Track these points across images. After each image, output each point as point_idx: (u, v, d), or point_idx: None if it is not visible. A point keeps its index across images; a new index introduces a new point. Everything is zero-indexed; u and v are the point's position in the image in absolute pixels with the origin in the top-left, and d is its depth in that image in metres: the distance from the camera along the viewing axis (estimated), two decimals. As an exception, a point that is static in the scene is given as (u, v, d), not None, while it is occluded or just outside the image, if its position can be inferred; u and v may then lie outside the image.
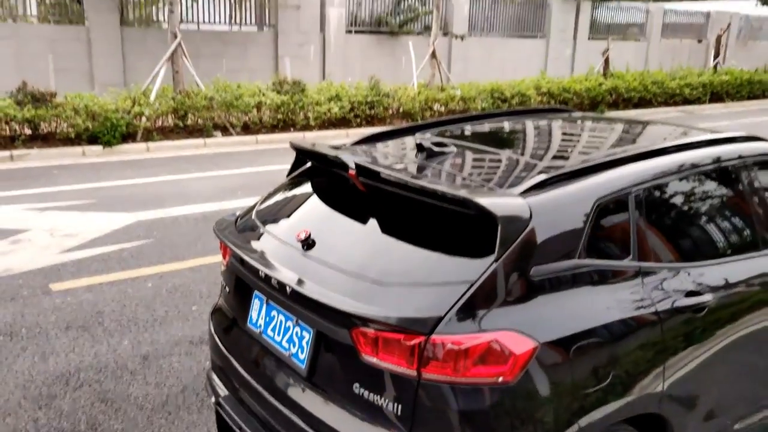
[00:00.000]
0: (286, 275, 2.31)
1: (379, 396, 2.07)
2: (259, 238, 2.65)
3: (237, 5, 15.16)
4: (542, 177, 2.31)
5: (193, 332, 4.41)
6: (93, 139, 10.14)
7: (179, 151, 10.63)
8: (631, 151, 2.65)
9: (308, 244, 2.38)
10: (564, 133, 3.31)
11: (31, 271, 5.39)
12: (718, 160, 2.80)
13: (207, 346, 4.10)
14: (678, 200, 2.68)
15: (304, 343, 2.30)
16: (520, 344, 1.99)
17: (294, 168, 3.02)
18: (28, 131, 9.97)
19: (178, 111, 11.09)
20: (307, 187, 2.86)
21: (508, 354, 1.97)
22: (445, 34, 18.21)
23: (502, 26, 20.32)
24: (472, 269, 2.05)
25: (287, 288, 2.29)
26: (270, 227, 2.67)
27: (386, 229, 2.41)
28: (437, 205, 2.25)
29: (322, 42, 16.37)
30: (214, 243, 6.09)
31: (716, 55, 21.49)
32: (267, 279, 2.40)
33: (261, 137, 11.61)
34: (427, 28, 17.27)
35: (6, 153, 9.47)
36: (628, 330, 2.25)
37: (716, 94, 19.15)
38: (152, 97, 10.92)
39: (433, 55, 14.72)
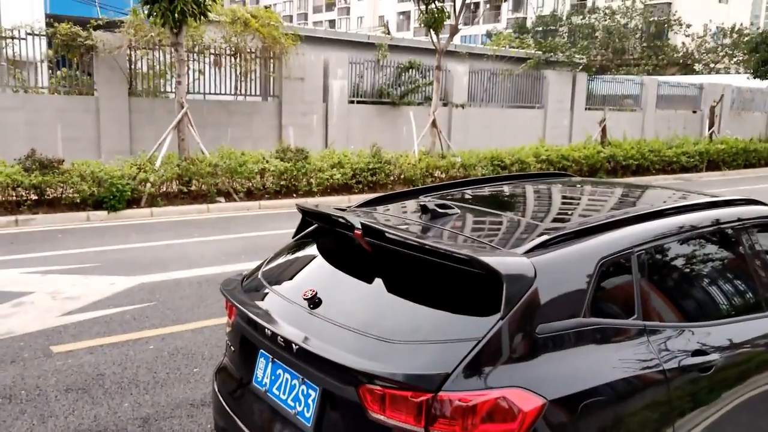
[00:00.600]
0: (292, 333, 2.32)
1: (386, 454, 2.05)
2: (265, 297, 2.68)
3: (242, 77, 15.61)
4: (545, 237, 2.36)
5: (194, 395, 4.36)
6: (98, 205, 10.26)
7: (183, 216, 10.73)
8: (632, 212, 2.71)
9: (314, 302, 2.41)
10: (564, 196, 3.39)
11: (33, 333, 5.37)
12: (717, 222, 2.85)
13: (209, 409, 4.04)
14: (680, 261, 2.72)
15: (310, 401, 2.29)
16: (528, 401, 1.99)
17: (300, 230, 3.08)
18: (34, 197, 10.10)
19: (182, 177, 11.26)
20: (312, 248, 2.90)
21: (516, 411, 1.97)
22: (445, 104, 18.69)
23: (500, 97, 20.87)
24: (478, 327, 2.07)
25: (293, 346, 2.30)
26: (276, 287, 2.70)
27: (392, 287, 2.45)
28: (442, 264, 2.29)
29: (325, 111, 16.78)
30: (217, 306, 6.09)
31: (711, 125, 21.97)
32: (273, 337, 2.42)
33: (264, 203, 11.74)
34: (428, 99, 17.74)
35: (11, 218, 9.57)
36: (635, 389, 2.25)
37: (713, 162, 19.48)
38: (158, 163, 11.12)
39: (434, 123, 15.07)
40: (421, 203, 2.79)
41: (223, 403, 2.78)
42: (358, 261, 2.67)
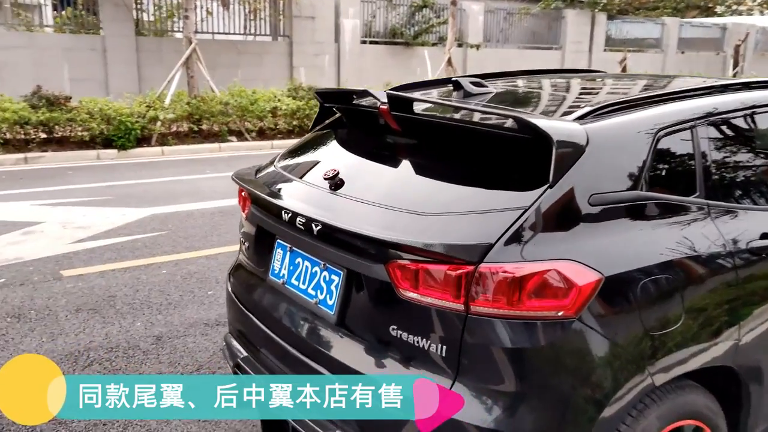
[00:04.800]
0: (313, 212, 2.10)
1: (420, 337, 1.84)
2: (282, 183, 2.44)
3: (251, 16, 15.14)
4: (598, 106, 2.10)
5: (209, 315, 4.19)
6: (107, 143, 10.05)
7: (194, 155, 10.51)
8: (692, 85, 2.43)
9: (336, 183, 2.17)
10: (610, 81, 3.10)
11: (42, 258, 5.21)
12: None
13: (224, 328, 3.88)
14: (745, 139, 2.45)
15: (332, 287, 2.08)
16: (582, 275, 1.76)
17: (317, 122, 2.82)
18: (43, 135, 9.89)
19: (193, 116, 10.98)
20: (332, 137, 2.65)
21: (569, 285, 1.74)
22: (460, 45, 18.10)
23: (517, 38, 20.22)
24: (524, 197, 1.82)
25: (314, 226, 2.07)
26: (293, 174, 2.46)
27: (423, 165, 2.21)
28: (481, 134, 2.05)
29: (337, 52, 16.30)
30: (231, 234, 5.91)
31: (735, 65, 21.24)
32: (291, 221, 2.19)
33: (276, 142, 11.47)
34: (442, 39, 17.18)
35: (20, 155, 9.39)
36: (698, 270, 2.01)
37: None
38: (167, 101, 10.84)
39: (449, 62, 14.59)
40: (454, 80, 2.51)
41: (239, 303, 2.58)
42: (383, 143, 2.42)
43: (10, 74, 11.85)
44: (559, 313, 1.74)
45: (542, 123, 1.85)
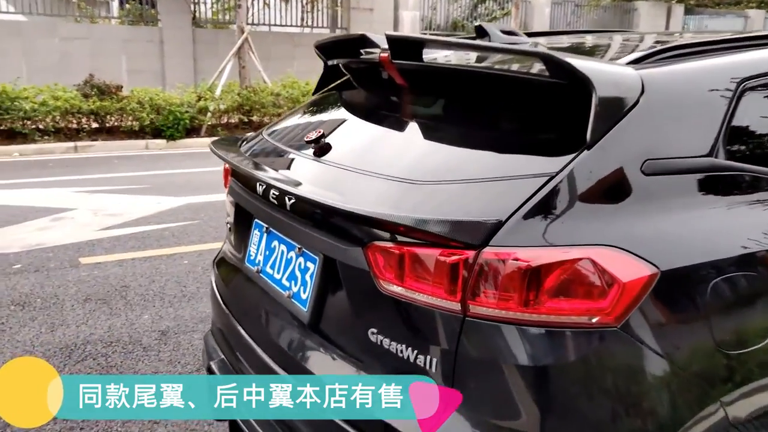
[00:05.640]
0: (287, 181, 1.67)
1: (404, 346, 1.38)
2: (264, 152, 2.02)
3: (309, 8, 14.91)
4: (659, 48, 1.58)
5: (220, 309, 3.83)
6: (157, 133, 9.95)
7: (242, 146, 10.30)
8: None
9: (321, 148, 1.73)
10: (687, 35, 2.53)
11: (64, 245, 4.99)
12: None
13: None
14: None
15: (307, 277, 1.64)
16: (628, 268, 1.26)
17: (320, 86, 2.39)
18: (94, 124, 9.88)
19: (243, 107, 10.78)
20: (333, 100, 2.21)
21: (609, 281, 1.24)
22: (525, 37, 17.36)
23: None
24: (552, 161, 1.33)
25: (287, 201, 1.64)
26: (280, 141, 2.03)
27: (428, 125, 1.74)
28: (502, 80, 1.57)
29: (396, 45, 15.86)
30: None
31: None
32: (265, 195, 1.77)
33: (327, 135, 11.13)
34: (505, 31, 16.50)
35: (71, 144, 9.38)
36: None
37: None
38: (218, 92, 10.67)
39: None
40: (477, 25, 2.02)
41: (218, 296, 2.18)
42: (385, 101, 1.97)
43: (70, 65, 11.96)
44: (594, 320, 1.24)
45: (580, 63, 1.35)
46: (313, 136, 1.73)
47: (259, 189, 1.79)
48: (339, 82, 2.30)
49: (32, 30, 11.84)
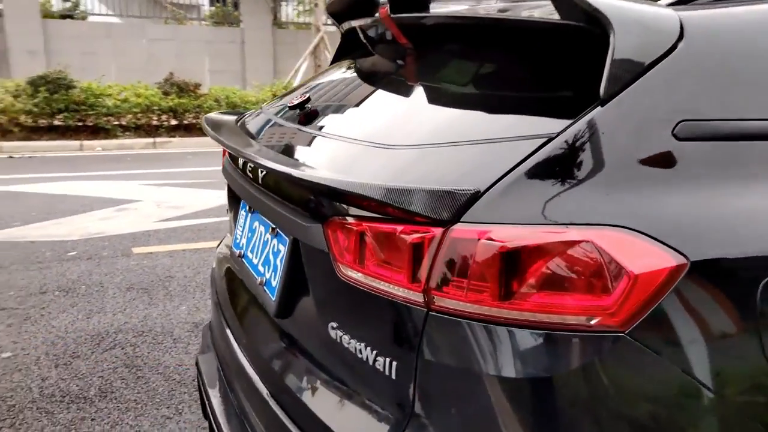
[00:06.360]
0: (261, 153, 1.45)
1: (362, 344, 1.13)
2: (256, 126, 1.81)
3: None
4: None
5: (257, 303, 3.70)
6: (232, 130, 10.08)
7: (315, 144, 10.29)
8: None
9: (306, 115, 1.51)
10: None
11: (122, 235, 5.04)
12: None
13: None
14: None
15: (278, 261, 1.42)
16: (643, 257, 0.94)
17: (337, 57, 2.17)
18: (173, 121, 10.14)
19: (317, 105, 10.77)
20: (342, 69, 1.98)
21: (614, 272, 0.94)
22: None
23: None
24: (553, 121, 1.05)
25: (260, 174, 1.44)
26: (275, 115, 1.82)
27: (423, 87, 1.48)
28: (503, 30, 1.30)
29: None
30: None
31: None
32: (244, 168, 1.57)
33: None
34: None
35: (150, 140, 9.66)
36: None
37: None
38: (293, 90, 10.71)
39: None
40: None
41: (214, 285, 2.01)
42: (385, 64, 1.73)
43: (156, 65, 12.39)
44: (593, 321, 0.94)
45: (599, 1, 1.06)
46: (296, 101, 1.52)
47: (240, 163, 1.60)
48: (353, 55, 2.08)
49: (122, 31, 12.35)
